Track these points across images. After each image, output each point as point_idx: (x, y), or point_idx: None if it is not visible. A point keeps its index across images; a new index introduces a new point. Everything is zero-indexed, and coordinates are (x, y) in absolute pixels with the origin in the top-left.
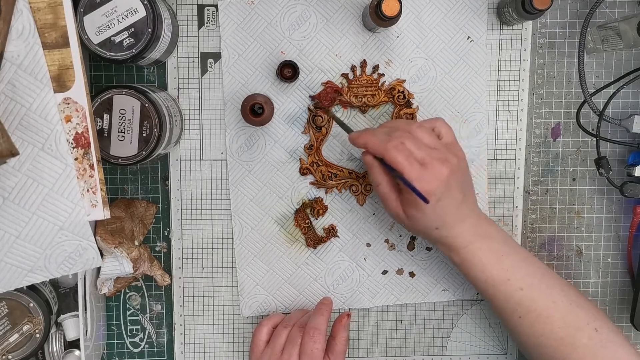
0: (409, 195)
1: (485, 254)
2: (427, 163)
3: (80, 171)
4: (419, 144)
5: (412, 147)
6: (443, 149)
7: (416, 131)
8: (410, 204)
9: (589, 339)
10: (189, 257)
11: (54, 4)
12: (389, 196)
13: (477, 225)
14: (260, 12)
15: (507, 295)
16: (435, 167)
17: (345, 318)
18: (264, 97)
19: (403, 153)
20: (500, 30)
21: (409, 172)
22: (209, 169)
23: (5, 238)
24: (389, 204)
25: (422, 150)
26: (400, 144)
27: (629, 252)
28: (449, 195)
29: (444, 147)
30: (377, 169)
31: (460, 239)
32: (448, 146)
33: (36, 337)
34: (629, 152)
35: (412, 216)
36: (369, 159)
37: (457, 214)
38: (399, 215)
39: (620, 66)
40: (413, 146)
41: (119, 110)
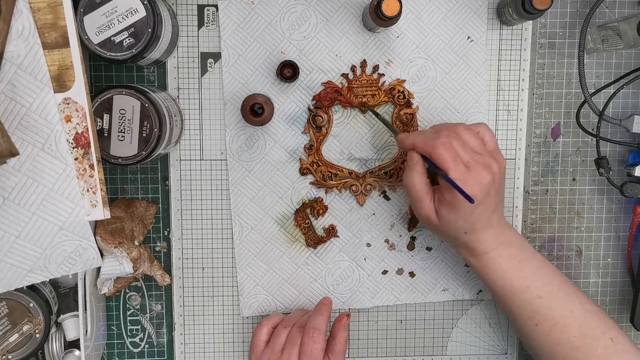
0: (447, 195)
1: (505, 260)
2: (471, 166)
3: (80, 171)
4: (465, 146)
5: (459, 148)
6: (487, 155)
7: (463, 133)
8: (447, 205)
9: (604, 349)
10: (189, 257)
11: (54, 4)
12: (423, 197)
13: (501, 232)
14: (260, 12)
15: (525, 303)
16: (479, 171)
17: (345, 318)
18: (264, 97)
19: (450, 152)
20: (500, 30)
21: (454, 171)
22: (209, 169)
23: (5, 238)
24: (422, 205)
25: (468, 152)
26: (449, 142)
27: (629, 252)
28: (486, 202)
29: (487, 152)
30: (420, 167)
31: (484, 244)
32: (491, 152)
33: (36, 337)
34: (629, 152)
35: (445, 218)
36: (414, 157)
37: (488, 220)
38: (430, 217)
39: (620, 66)
40: (460, 147)
41: (119, 110)
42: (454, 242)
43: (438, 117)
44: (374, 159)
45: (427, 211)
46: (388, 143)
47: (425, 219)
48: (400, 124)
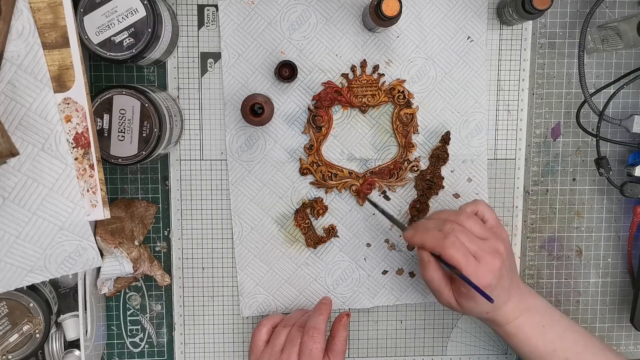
0: (463, 288)
1: (529, 327)
2: (480, 257)
3: (80, 171)
4: (470, 237)
5: (466, 241)
6: (492, 238)
7: (465, 222)
8: (464, 296)
9: None
10: (189, 257)
11: (54, 4)
12: (442, 290)
13: (521, 300)
14: (260, 12)
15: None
16: (488, 260)
17: (344, 318)
18: (264, 97)
19: (460, 250)
20: (500, 30)
21: (466, 268)
22: (209, 169)
23: (5, 238)
24: (441, 296)
25: (474, 243)
26: (456, 239)
27: (629, 252)
28: (500, 285)
29: (491, 234)
30: (433, 265)
31: (507, 316)
32: (494, 230)
33: (36, 337)
34: (629, 152)
35: (465, 306)
36: (425, 256)
37: (506, 296)
38: (451, 304)
39: (620, 66)
40: (466, 240)
41: (119, 110)
42: (478, 318)
43: (438, 117)
44: (374, 159)
45: (447, 300)
46: (388, 143)
47: (447, 305)
48: (400, 124)
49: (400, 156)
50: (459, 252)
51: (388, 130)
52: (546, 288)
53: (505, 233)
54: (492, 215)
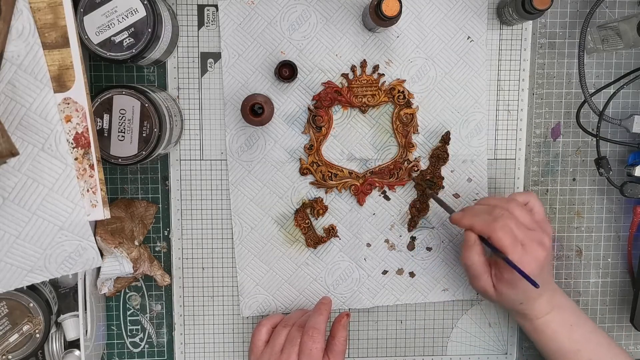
0: (506, 274)
1: (557, 324)
2: (526, 245)
3: (80, 171)
4: (519, 225)
5: (514, 228)
6: (538, 230)
7: (514, 210)
8: (505, 282)
9: None
10: (189, 257)
11: (54, 4)
12: (482, 274)
13: (552, 297)
14: (260, 12)
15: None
16: (533, 249)
17: (344, 317)
18: (264, 97)
19: (509, 235)
20: (500, 30)
21: (513, 253)
22: (209, 169)
23: (5, 238)
24: (479, 281)
25: (522, 231)
26: (506, 224)
27: (629, 252)
28: (541, 276)
29: (538, 226)
30: (478, 248)
31: (538, 310)
32: (540, 224)
33: (36, 337)
34: (629, 152)
35: (504, 294)
36: (472, 237)
37: (542, 289)
38: (488, 291)
39: (620, 66)
40: (515, 226)
41: (119, 110)
42: (509, 310)
43: (438, 117)
44: (374, 159)
45: (484, 286)
46: (388, 143)
47: (483, 291)
48: (400, 124)
49: (400, 156)
50: (507, 236)
51: (388, 130)
52: None
53: (550, 229)
54: (541, 208)
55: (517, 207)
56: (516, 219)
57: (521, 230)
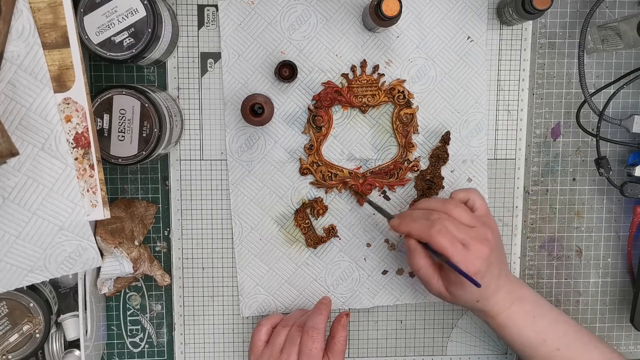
0: (452, 275)
1: (520, 317)
2: (468, 244)
3: (80, 171)
4: (458, 225)
5: (453, 229)
6: (480, 226)
7: (453, 211)
8: (454, 283)
9: None
10: (189, 257)
11: (54, 4)
12: (431, 278)
13: (512, 290)
14: (260, 12)
15: (544, 356)
16: (476, 247)
17: (344, 317)
18: (264, 97)
19: (447, 237)
20: (500, 30)
21: (453, 255)
22: (209, 169)
23: (5, 238)
24: (431, 285)
25: (462, 231)
26: (443, 227)
27: (629, 252)
28: (489, 272)
29: (480, 222)
30: (420, 252)
31: (498, 306)
32: (482, 219)
33: (36, 337)
34: (629, 152)
35: (455, 294)
36: (412, 243)
37: (496, 285)
38: (441, 293)
39: (620, 66)
40: (453, 228)
41: (119, 110)
42: (467, 308)
43: (438, 117)
44: (374, 159)
45: (437, 289)
46: (388, 143)
47: (437, 295)
48: (400, 124)
49: (400, 156)
50: (445, 239)
51: (388, 130)
52: (546, 288)
53: (494, 222)
54: (482, 204)
55: (455, 207)
56: (455, 219)
57: (460, 230)
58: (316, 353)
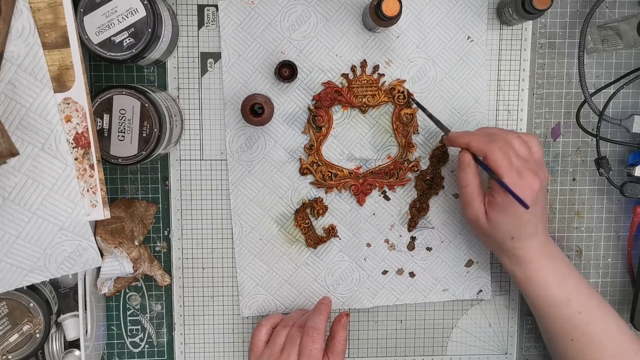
0: (499, 199)
1: (550, 272)
2: (522, 173)
3: (80, 171)
4: (516, 154)
5: (512, 154)
6: (534, 163)
7: (514, 140)
8: (497, 207)
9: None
10: (189, 257)
11: (54, 4)
12: (475, 198)
13: (546, 244)
14: (260, 12)
15: (564, 317)
16: (529, 178)
17: (344, 317)
18: (264, 97)
19: (506, 157)
20: (500, 30)
21: (507, 176)
22: (209, 169)
23: (5, 238)
24: (471, 205)
25: (518, 159)
26: (504, 147)
27: (629, 252)
28: (534, 209)
29: (534, 163)
30: (473, 169)
31: (530, 253)
32: (538, 163)
33: (36, 337)
34: (629, 152)
35: (494, 221)
36: (467, 157)
37: (534, 229)
38: (479, 218)
39: (620, 66)
40: (512, 154)
41: (119, 110)
42: (500, 248)
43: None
44: (374, 159)
45: (476, 212)
46: (388, 143)
47: (474, 219)
48: (400, 124)
49: (400, 156)
50: (504, 158)
51: (388, 131)
52: None
53: (546, 170)
54: (540, 150)
55: (516, 138)
56: (514, 148)
57: (519, 159)
58: (316, 353)
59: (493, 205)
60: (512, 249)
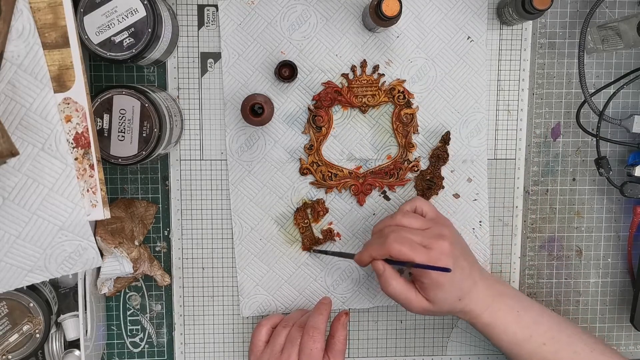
0: (426, 280)
1: (504, 313)
2: (427, 244)
3: (80, 171)
4: (411, 231)
5: (409, 235)
6: (434, 226)
7: (402, 220)
8: (430, 287)
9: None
10: (189, 257)
11: (54, 4)
12: (410, 295)
13: (490, 285)
14: (260, 12)
15: (531, 352)
16: (437, 245)
17: (343, 316)
18: (264, 97)
19: (405, 243)
20: (500, 30)
21: (417, 256)
22: (209, 169)
23: (5, 238)
24: (411, 301)
25: (417, 235)
26: (398, 236)
27: (629, 252)
28: (458, 265)
29: (432, 223)
30: (390, 273)
31: (480, 303)
32: (434, 220)
33: (36, 337)
34: (629, 152)
35: (436, 298)
36: (379, 266)
37: (470, 279)
38: (424, 306)
39: (620, 66)
40: (409, 234)
41: (119, 110)
42: (454, 312)
43: (438, 117)
44: (374, 159)
45: (419, 304)
46: (388, 143)
47: (422, 310)
48: (400, 124)
49: (400, 156)
50: (404, 245)
51: (388, 131)
52: (546, 288)
53: (448, 221)
54: (430, 208)
55: (403, 217)
56: (407, 227)
57: (416, 235)
58: (316, 353)
59: (426, 288)
60: (464, 307)
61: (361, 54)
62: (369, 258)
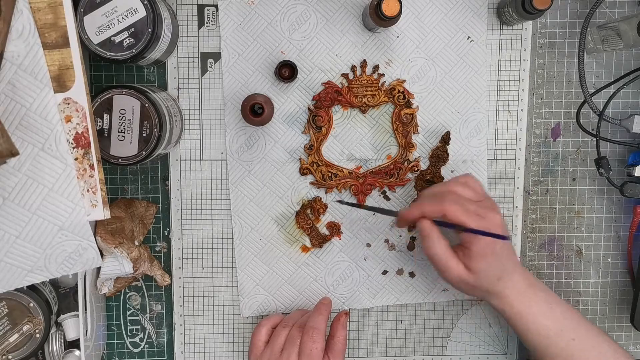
0: (474, 247)
1: (537, 303)
2: (481, 213)
3: (80, 171)
4: (466, 199)
5: (464, 202)
6: (485, 200)
7: (457, 188)
8: (475, 256)
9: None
10: (189, 257)
11: (54, 4)
12: (449, 259)
13: (526, 276)
14: (260, 12)
15: (559, 347)
16: (490, 215)
17: (343, 316)
18: (264, 97)
19: (462, 207)
20: (500, 30)
21: (471, 222)
22: (209, 169)
23: (5, 238)
24: (450, 268)
25: (471, 203)
26: (455, 199)
27: (629, 252)
28: (505, 243)
29: (484, 197)
30: (436, 234)
31: (515, 289)
32: (486, 197)
33: (36, 337)
34: (629, 152)
35: (478, 269)
36: (426, 226)
37: (511, 262)
38: (462, 275)
39: (620, 66)
40: (464, 201)
41: (119, 110)
42: (488, 293)
43: (438, 117)
44: (374, 159)
45: (457, 272)
46: (388, 143)
47: (458, 279)
48: (400, 124)
49: (400, 156)
50: (460, 208)
51: (388, 131)
52: None
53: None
54: (481, 186)
55: (458, 185)
56: (462, 195)
57: (470, 203)
58: (317, 353)
59: (471, 257)
60: (501, 289)
61: (361, 54)
62: (419, 214)
